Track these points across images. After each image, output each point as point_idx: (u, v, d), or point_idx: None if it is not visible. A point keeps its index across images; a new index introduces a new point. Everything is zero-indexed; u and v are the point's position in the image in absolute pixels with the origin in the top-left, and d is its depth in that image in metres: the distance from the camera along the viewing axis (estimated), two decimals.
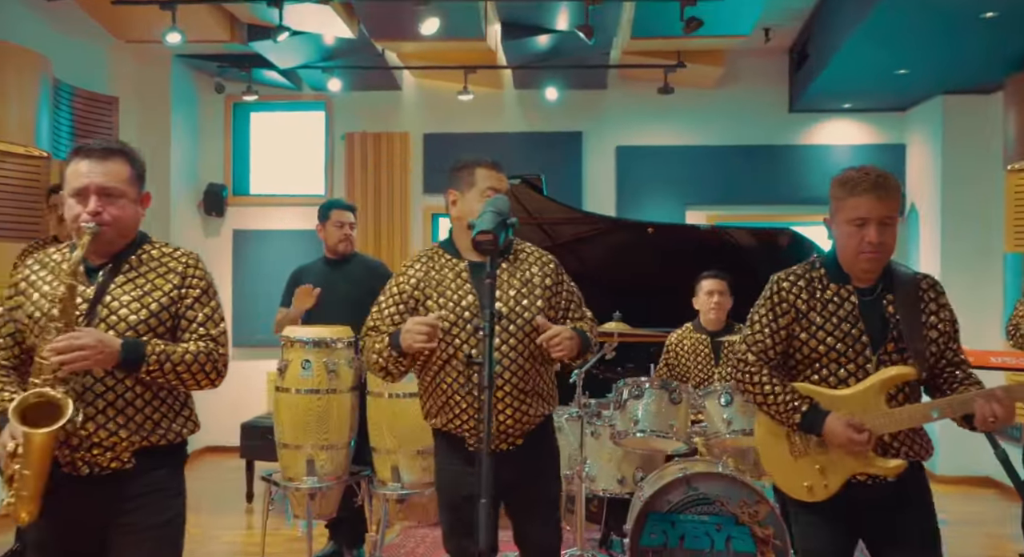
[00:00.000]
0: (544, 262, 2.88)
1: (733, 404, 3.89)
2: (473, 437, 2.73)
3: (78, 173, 2.26)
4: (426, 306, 2.76)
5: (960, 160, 6.57)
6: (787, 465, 2.51)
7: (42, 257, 2.39)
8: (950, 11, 4.73)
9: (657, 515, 3.59)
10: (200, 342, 2.30)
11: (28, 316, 2.27)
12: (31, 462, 2.11)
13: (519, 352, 2.74)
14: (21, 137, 5.04)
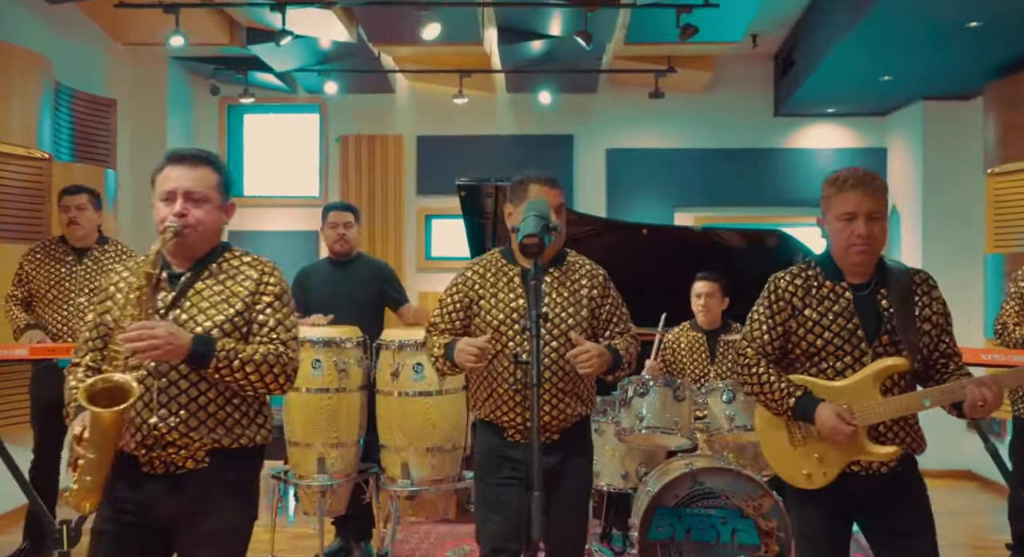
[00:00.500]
0: (593, 274, 3.02)
1: (735, 401, 3.97)
2: (512, 428, 2.91)
3: (168, 178, 2.31)
4: (479, 305, 2.94)
5: (941, 163, 6.71)
6: (786, 454, 2.59)
7: (131, 264, 2.40)
8: (937, 20, 4.84)
9: (664, 509, 3.65)
10: (270, 346, 2.31)
11: (115, 321, 2.28)
12: (96, 444, 2.13)
13: (560, 355, 2.87)
14: (24, 139, 5.02)
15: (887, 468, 2.50)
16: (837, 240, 2.50)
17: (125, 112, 6.48)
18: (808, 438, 2.52)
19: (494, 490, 2.96)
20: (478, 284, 2.98)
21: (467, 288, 2.99)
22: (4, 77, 4.84)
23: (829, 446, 2.49)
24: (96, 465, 2.15)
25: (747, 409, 3.99)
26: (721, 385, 4.02)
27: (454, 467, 4.21)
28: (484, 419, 3.02)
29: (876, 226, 2.44)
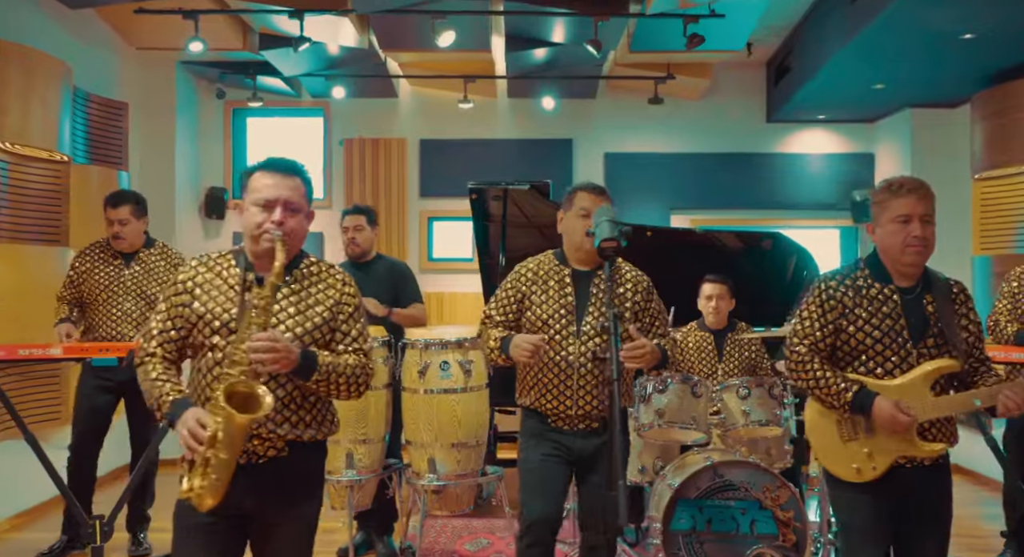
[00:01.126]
0: (638, 281, 3.19)
1: (751, 397, 4.09)
2: (555, 415, 3.11)
3: (266, 185, 2.38)
4: (530, 300, 3.14)
5: (928, 168, 6.85)
6: (836, 449, 2.69)
7: (204, 259, 2.46)
8: (934, 32, 4.98)
9: (686, 501, 3.74)
10: (355, 356, 2.40)
11: (199, 316, 2.34)
12: (228, 445, 2.18)
13: (601, 351, 3.03)
14: (45, 142, 5.03)
15: (929, 461, 2.62)
16: (892, 241, 2.61)
17: (135, 115, 6.48)
18: (858, 434, 2.63)
19: (536, 468, 3.14)
20: (530, 281, 3.18)
21: (520, 285, 3.19)
22: (28, 81, 4.85)
23: (879, 442, 2.60)
24: (225, 465, 2.20)
25: (762, 405, 4.11)
26: (737, 382, 4.13)
27: (478, 462, 4.28)
28: (529, 406, 3.19)
29: (928, 229, 2.58)
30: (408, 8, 5.13)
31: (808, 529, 3.71)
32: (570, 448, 3.13)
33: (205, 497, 2.21)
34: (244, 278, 2.36)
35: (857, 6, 5.09)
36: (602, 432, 3.12)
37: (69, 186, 5.36)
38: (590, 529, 3.20)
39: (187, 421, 2.20)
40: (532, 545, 3.14)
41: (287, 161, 2.46)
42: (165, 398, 2.30)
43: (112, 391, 4.50)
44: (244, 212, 2.40)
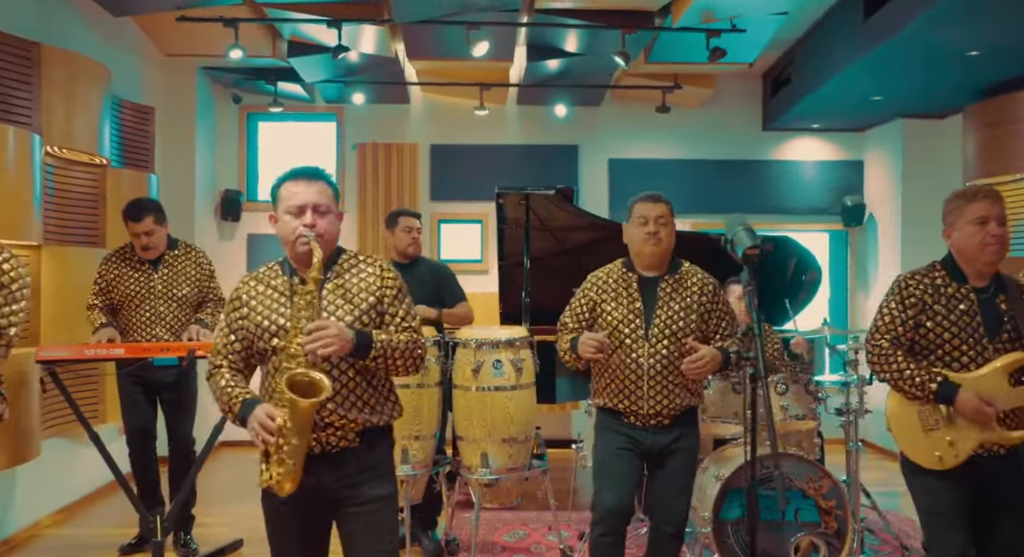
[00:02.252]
0: (704, 284, 3.29)
1: (788, 393, 4.22)
2: (629, 413, 3.23)
3: (294, 193, 2.47)
4: (601, 307, 3.26)
5: (918, 175, 7.11)
6: (918, 438, 2.82)
7: (255, 273, 2.57)
8: (942, 49, 5.15)
9: (735, 491, 3.87)
10: (406, 333, 2.49)
11: (256, 325, 2.44)
12: (297, 431, 2.28)
13: (671, 352, 3.16)
14: (87, 145, 5.00)
15: (1004, 449, 2.77)
16: (970, 242, 2.77)
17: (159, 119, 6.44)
18: (939, 423, 2.77)
19: (610, 461, 3.26)
20: (601, 289, 3.30)
21: (591, 293, 3.31)
22: (72, 86, 4.82)
23: (960, 430, 2.74)
24: (298, 450, 2.30)
25: (799, 400, 4.25)
26: (776, 378, 4.26)
27: (527, 457, 4.36)
28: (603, 406, 3.31)
29: (1003, 229, 2.74)
30: (443, 19, 5.19)
31: (849, 517, 3.86)
32: (642, 442, 3.24)
33: (284, 483, 2.32)
34: (291, 284, 2.46)
35: (869, 24, 5.26)
36: (672, 428, 3.23)
37: (106, 189, 5.33)
38: (659, 520, 3.31)
39: (257, 416, 2.31)
40: (604, 534, 3.25)
41: (311, 168, 2.56)
42: (235, 400, 2.40)
43: (148, 389, 4.52)
44: (278, 222, 2.49)
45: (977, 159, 6.28)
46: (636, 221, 3.26)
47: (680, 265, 3.32)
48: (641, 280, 3.26)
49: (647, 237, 3.21)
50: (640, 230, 3.23)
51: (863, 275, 7.79)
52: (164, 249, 4.52)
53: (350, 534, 2.48)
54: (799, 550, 3.83)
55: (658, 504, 3.32)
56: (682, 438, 3.26)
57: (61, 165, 4.90)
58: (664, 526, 3.29)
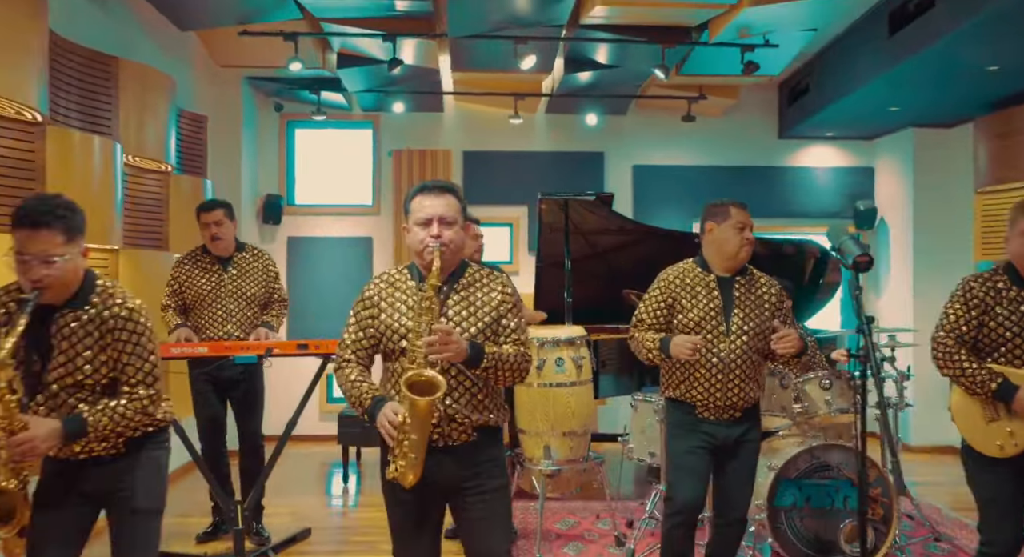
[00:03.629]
0: (771, 285, 3.46)
1: (832, 388, 4.38)
2: (703, 406, 3.35)
3: (423, 206, 2.58)
4: (681, 305, 3.37)
5: (929, 182, 7.28)
6: (980, 428, 2.98)
7: (386, 276, 2.68)
8: (964, 65, 5.32)
9: (788, 481, 4.03)
10: (514, 346, 2.61)
11: (387, 326, 2.57)
12: (418, 426, 2.40)
13: (749, 348, 3.31)
14: (156, 153, 5.11)
15: None
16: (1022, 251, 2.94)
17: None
18: (1000, 415, 2.93)
19: (686, 457, 3.39)
20: (679, 287, 3.41)
21: (668, 291, 3.41)
22: (144, 97, 4.93)
23: (1020, 422, 2.90)
24: (419, 444, 2.43)
25: (842, 395, 4.41)
26: (820, 374, 4.41)
27: (585, 449, 4.51)
28: (677, 398, 3.43)
29: None
30: (492, 34, 5.32)
31: (894, 503, 4.02)
32: (715, 436, 3.35)
33: (407, 474, 2.45)
34: (419, 289, 2.57)
35: (894, 41, 5.41)
36: (743, 421, 3.38)
37: (169, 194, 5.44)
38: (727, 507, 3.46)
39: (385, 413, 2.44)
40: (678, 525, 3.40)
41: (440, 183, 2.66)
42: (365, 396, 2.53)
43: (218, 386, 4.64)
44: (409, 232, 2.61)
45: (989, 167, 6.46)
46: (734, 226, 3.36)
47: (748, 268, 3.47)
48: (719, 280, 3.39)
49: (744, 242, 3.35)
50: (738, 235, 3.35)
51: (874, 276, 7.96)
52: (233, 251, 4.65)
53: (471, 521, 2.60)
54: (847, 534, 3.99)
55: (727, 492, 3.46)
56: (751, 430, 3.42)
57: (134, 173, 5.01)
58: (732, 512, 3.45)
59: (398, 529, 2.68)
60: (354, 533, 4.93)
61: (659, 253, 6.11)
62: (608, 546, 4.56)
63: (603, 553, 4.47)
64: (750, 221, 3.37)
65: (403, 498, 2.58)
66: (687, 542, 3.44)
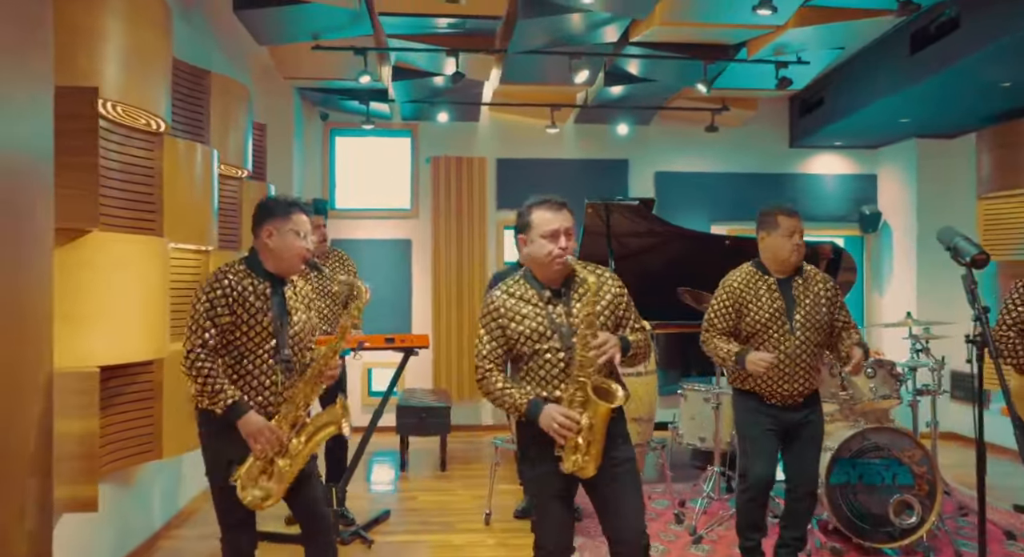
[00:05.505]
0: (826, 281, 3.72)
1: (877, 376, 4.65)
2: (769, 395, 3.63)
3: (547, 219, 2.76)
4: (747, 308, 3.62)
5: (932, 188, 7.62)
6: None
7: (505, 288, 2.85)
8: (981, 82, 5.62)
9: (843, 460, 4.29)
10: (639, 333, 2.84)
11: (518, 333, 2.76)
12: (599, 427, 2.63)
13: (810, 342, 3.60)
14: (237, 160, 5.26)
15: None
16: None
17: None
18: None
19: (759, 439, 3.67)
20: (743, 292, 3.66)
21: (734, 297, 3.67)
22: (227, 107, 5.08)
23: None
24: (599, 443, 2.66)
25: (885, 383, 4.68)
26: (865, 364, 4.67)
27: (650, 434, 4.74)
28: (746, 389, 3.69)
29: None
30: (548, 50, 5.54)
31: (938, 480, 4.30)
32: (781, 420, 3.64)
33: (588, 468, 2.67)
34: (542, 296, 2.77)
35: (915, 59, 5.71)
36: (804, 407, 3.66)
37: (242, 199, 5.59)
38: (797, 481, 3.72)
39: (555, 417, 2.63)
40: (753, 499, 3.69)
41: (557, 198, 2.84)
42: (520, 402, 2.72)
43: None
44: (531, 243, 2.78)
45: (992, 175, 6.79)
46: (783, 234, 3.62)
47: (803, 267, 3.72)
48: (779, 282, 3.65)
49: (795, 248, 3.60)
50: (788, 241, 3.60)
51: (877, 276, 8.29)
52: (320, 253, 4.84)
53: (612, 489, 2.78)
54: (895, 508, 4.25)
55: (797, 469, 3.72)
56: (812, 413, 3.70)
57: (222, 181, 5.16)
58: (802, 487, 3.71)
59: (543, 506, 2.84)
60: (429, 515, 5.13)
61: (689, 253, 6.44)
62: (668, 523, 4.80)
63: (664, 530, 4.70)
64: (799, 226, 3.61)
65: (547, 480, 2.76)
66: (760, 511, 3.74)
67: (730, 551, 4.29)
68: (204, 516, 5.09)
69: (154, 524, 4.55)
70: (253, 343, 2.93)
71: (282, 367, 2.97)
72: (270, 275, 3.03)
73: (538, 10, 4.69)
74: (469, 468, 6.44)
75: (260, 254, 3.07)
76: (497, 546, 4.51)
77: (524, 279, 2.83)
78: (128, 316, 3.51)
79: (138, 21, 3.60)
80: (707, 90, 5.89)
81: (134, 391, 3.89)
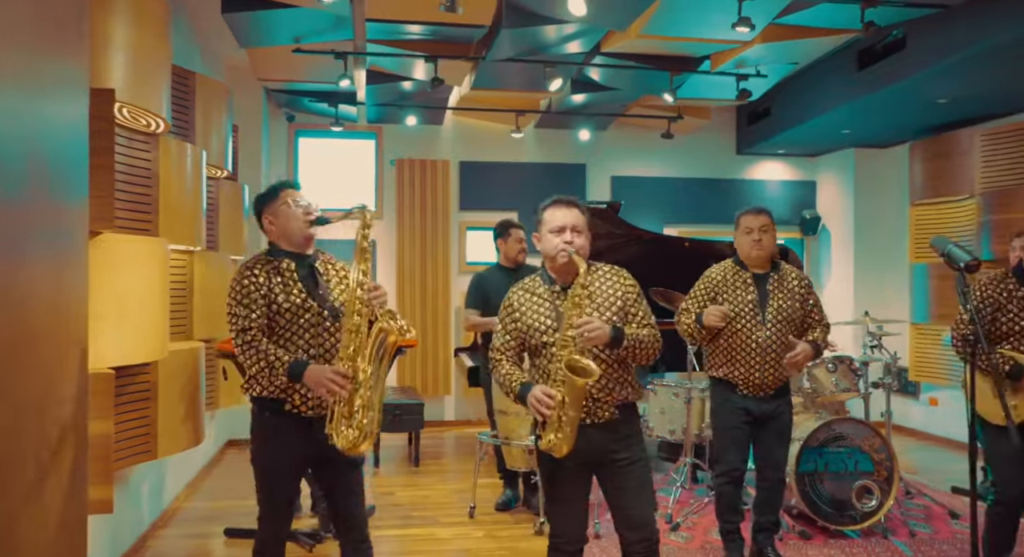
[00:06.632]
0: (800, 278, 3.92)
1: (837, 371, 4.89)
2: (744, 385, 3.80)
3: (556, 216, 2.87)
4: (721, 297, 3.82)
5: (868, 195, 8.01)
6: (991, 400, 3.40)
7: (521, 284, 2.95)
8: (922, 98, 5.96)
9: (810, 449, 4.50)
10: (646, 329, 2.92)
11: (529, 326, 2.85)
12: (573, 404, 2.69)
13: (782, 334, 3.79)
14: (218, 160, 5.18)
15: None
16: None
17: None
18: (1006, 391, 3.37)
19: (732, 431, 3.86)
20: (720, 283, 3.85)
21: (711, 287, 3.85)
22: (209, 109, 5.00)
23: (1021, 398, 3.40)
24: (573, 421, 2.71)
25: (845, 377, 4.93)
26: (826, 359, 4.91)
27: None
28: (721, 378, 3.87)
29: None
30: (523, 58, 5.62)
31: (896, 466, 4.56)
32: (753, 411, 3.82)
33: (562, 446, 2.72)
34: (552, 291, 2.88)
35: (863, 75, 6.00)
36: (774, 398, 3.84)
37: (219, 199, 5.51)
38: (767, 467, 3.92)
39: (534, 394, 2.71)
40: (728, 483, 3.90)
41: (566, 197, 2.95)
42: (514, 383, 2.82)
43: None
44: (542, 239, 2.90)
45: (924, 183, 7.18)
46: (743, 232, 3.84)
47: (780, 265, 3.91)
48: (754, 277, 3.83)
49: (753, 243, 3.80)
50: (747, 238, 3.82)
51: (817, 276, 8.65)
52: None
53: (621, 488, 2.86)
54: (857, 493, 4.49)
55: (767, 456, 3.92)
56: (782, 405, 3.89)
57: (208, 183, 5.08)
58: (772, 472, 3.93)
59: (555, 497, 2.92)
60: (410, 509, 5.15)
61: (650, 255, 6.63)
62: None
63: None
64: (759, 223, 3.81)
65: (557, 467, 2.83)
66: (738, 494, 3.94)
67: (707, 537, 4.46)
68: (186, 515, 5.01)
69: (143, 524, 4.46)
70: (293, 314, 2.92)
71: (331, 320, 2.96)
72: (292, 254, 3.03)
73: (523, 20, 4.77)
74: (440, 463, 6.48)
75: (274, 242, 3.07)
76: (485, 538, 4.58)
77: (539, 276, 2.93)
78: (137, 317, 3.46)
79: (142, 22, 3.54)
80: (673, 100, 6.07)
81: (132, 392, 3.81)
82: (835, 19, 4.98)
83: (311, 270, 3.05)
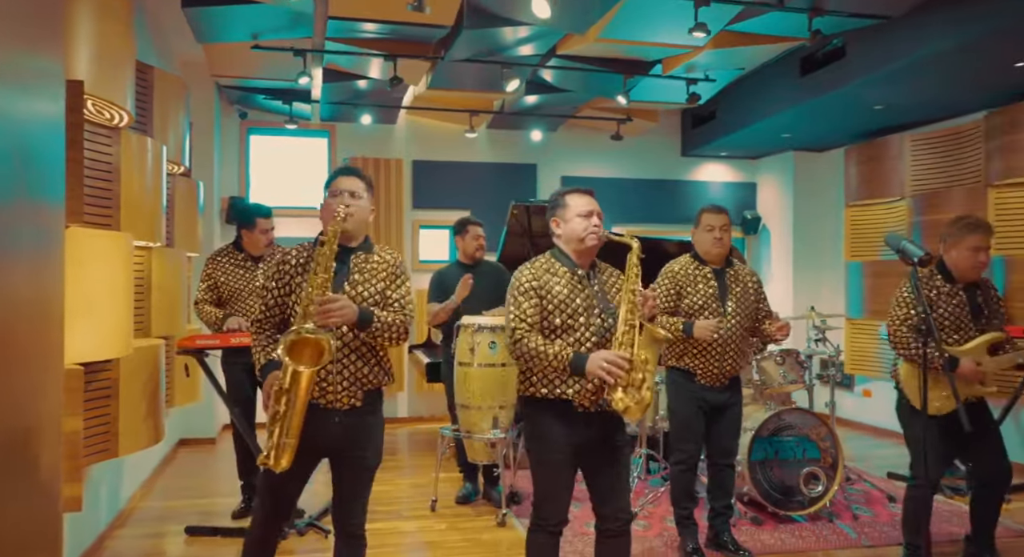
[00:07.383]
0: (752, 274, 4.09)
1: (785, 364, 5.06)
2: (702, 375, 3.93)
3: (582, 202, 3.01)
4: (685, 291, 3.93)
5: (805, 196, 8.28)
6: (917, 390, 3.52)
7: (534, 265, 2.94)
8: (859, 104, 6.20)
9: (761, 439, 4.65)
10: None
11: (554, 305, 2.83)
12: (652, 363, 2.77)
13: (740, 326, 3.93)
14: (176, 156, 5.07)
15: (976, 398, 3.63)
16: (966, 262, 3.57)
17: None
18: (939, 383, 3.51)
19: (689, 420, 3.98)
20: (682, 278, 3.96)
21: (675, 282, 3.95)
22: (167, 104, 4.89)
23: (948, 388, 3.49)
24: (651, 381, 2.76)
25: (792, 369, 5.10)
26: (774, 353, 5.08)
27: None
28: (680, 367, 3.98)
29: (987, 254, 3.58)
30: (481, 59, 5.65)
31: (840, 452, 4.74)
32: (708, 400, 3.95)
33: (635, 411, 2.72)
34: (573, 273, 2.90)
35: (805, 81, 6.21)
36: (728, 389, 3.98)
37: (175, 196, 5.39)
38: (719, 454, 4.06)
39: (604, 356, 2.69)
40: (684, 471, 4.03)
41: (585, 188, 3.07)
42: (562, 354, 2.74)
43: (251, 374, 4.73)
44: (566, 223, 2.96)
45: (858, 186, 7.46)
46: (704, 228, 3.95)
47: (733, 261, 4.04)
48: (714, 271, 3.96)
49: (715, 241, 3.91)
50: (709, 235, 3.93)
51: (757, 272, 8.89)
52: (263, 249, 4.78)
53: (613, 467, 2.92)
54: (804, 479, 4.65)
55: (719, 444, 4.05)
56: (734, 396, 4.04)
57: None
58: (723, 459, 4.07)
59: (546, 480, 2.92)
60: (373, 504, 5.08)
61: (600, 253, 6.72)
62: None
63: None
64: (719, 222, 3.93)
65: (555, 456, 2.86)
66: (691, 480, 4.06)
67: (664, 525, 4.56)
68: (142, 514, 4.89)
69: (101, 524, 4.34)
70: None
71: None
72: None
73: (485, 22, 4.79)
74: (396, 459, 6.46)
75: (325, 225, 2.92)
76: (448, 530, 4.59)
77: (553, 257, 2.94)
78: (104, 312, 3.37)
79: (105, 15, 3.45)
80: (627, 102, 6.17)
81: (94, 389, 3.71)
82: (783, 27, 5.14)
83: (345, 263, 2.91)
